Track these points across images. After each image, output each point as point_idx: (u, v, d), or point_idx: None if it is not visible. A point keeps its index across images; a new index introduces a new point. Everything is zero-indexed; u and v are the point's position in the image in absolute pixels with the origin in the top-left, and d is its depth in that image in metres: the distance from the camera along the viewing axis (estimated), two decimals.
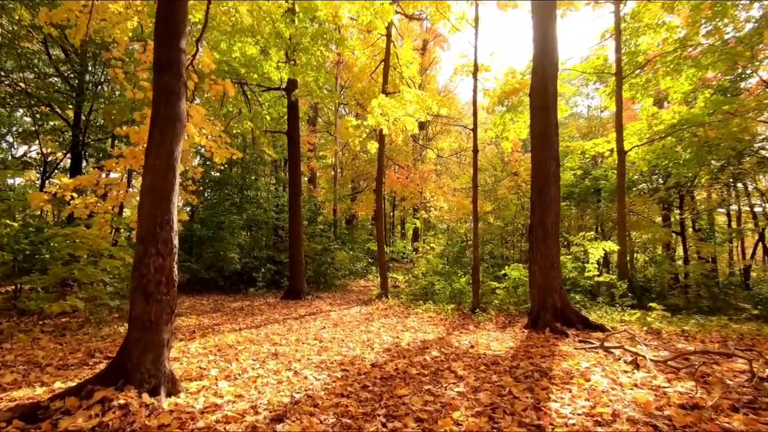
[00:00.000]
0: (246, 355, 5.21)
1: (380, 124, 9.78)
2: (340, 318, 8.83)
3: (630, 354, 5.17)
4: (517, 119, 13.15)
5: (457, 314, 9.23)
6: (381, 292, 11.79)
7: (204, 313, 8.98)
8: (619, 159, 11.20)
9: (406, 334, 7.16)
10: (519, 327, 7.85)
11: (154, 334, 3.53)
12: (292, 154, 12.14)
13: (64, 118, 14.38)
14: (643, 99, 12.48)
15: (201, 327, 7.28)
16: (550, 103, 7.93)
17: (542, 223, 7.76)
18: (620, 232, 11.02)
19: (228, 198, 15.86)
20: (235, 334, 6.63)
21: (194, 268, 12.91)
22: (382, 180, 11.88)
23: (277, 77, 11.22)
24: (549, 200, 7.76)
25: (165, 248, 3.66)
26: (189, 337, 6.27)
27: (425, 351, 5.72)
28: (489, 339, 6.77)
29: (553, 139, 7.91)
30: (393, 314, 9.33)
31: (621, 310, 8.80)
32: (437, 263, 12.35)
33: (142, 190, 3.73)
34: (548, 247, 7.67)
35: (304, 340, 6.36)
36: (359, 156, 27.16)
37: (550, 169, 7.82)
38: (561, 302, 7.56)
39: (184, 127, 3.97)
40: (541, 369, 4.65)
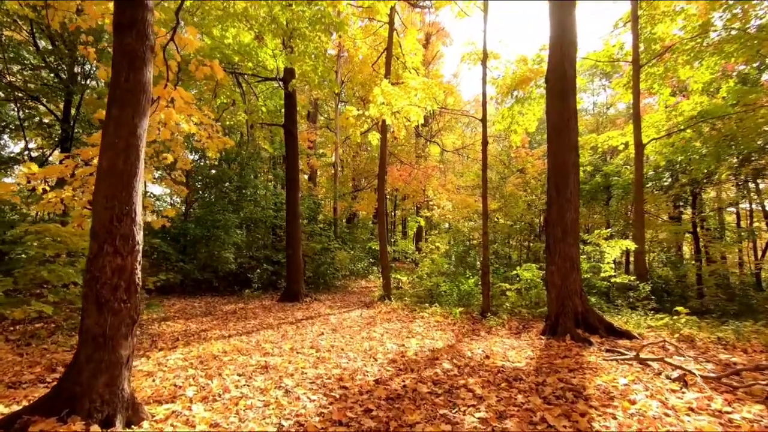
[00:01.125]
0: (231, 368, 4.56)
1: (383, 114, 9.12)
2: (340, 322, 8.17)
3: (671, 367, 4.51)
4: (526, 111, 12.48)
5: (465, 318, 8.57)
6: (383, 293, 11.13)
7: (193, 317, 8.33)
8: (637, 153, 10.54)
9: (412, 341, 6.50)
10: (534, 333, 7.19)
11: (109, 351, 2.88)
12: (289, 148, 11.49)
13: (52, 112, 13.75)
14: (661, 90, 11.80)
15: (187, 333, 6.62)
16: (569, 87, 7.27)
17: (561, 220, 7.09)
18: (638, 230, 10.35)
19: (224, 196, 15.22)
20: (223, 342, 5.98)
21: (187, 269, 12.27)
22: (385, 175, 11.23)
23: (273, 66, 10.57)
24: (568, 195, 7.09)
25: (124, 245, 3.00)
26: (171, 346, 5.62)
27: (435, 362, 5.06)
28: (504, 347, 6.11)
29: (572, 128, 7.24)
30: (397, 318, 8.67)
31: (643, 314, 8.13)
32: (442, 263, 11.69)
33: (98, 174, 3.08)
34: (567, 245, 7.01)
35: (299, 349, 5.71)
36: (360, 153, 26.53)
37: (568, 160, 7.15)
38: (582, 306, 6.89)
39: (150, 102, 3.32)
40: (572, 387, 3.99)
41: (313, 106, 23.64)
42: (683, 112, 11.09)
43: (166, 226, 7.06)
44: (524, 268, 9.47)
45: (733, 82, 11.03)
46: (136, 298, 3.07)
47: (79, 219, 6.93)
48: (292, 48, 10.00)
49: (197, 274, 12.41)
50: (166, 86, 5.56)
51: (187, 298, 11.25)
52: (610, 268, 9.77)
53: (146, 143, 8.18)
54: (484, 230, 9.21)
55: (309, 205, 16.61)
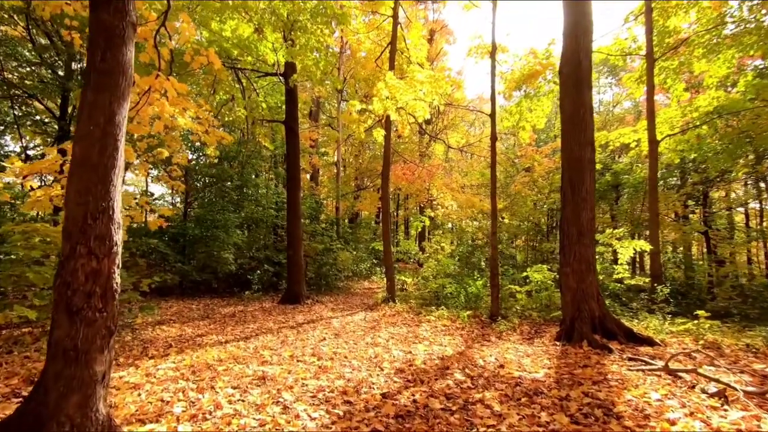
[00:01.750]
0: (226, 379, 4.20)
1: (387, 109, 8.77)
2: (343, 326, 7.81)
3: (705, 379, 4.13)
4: (534, 108, 12.09)
5: (474, 322, 8.20)
6: (388, 295, 10.77)
7: (190, 321, 7.99)
8: (651, 150, 10.13)
9: (419, 347, 6.14)
10: (548, 338, 6.82)
11: (81, 366, 2.52)
12: (290, 145, 11.14)
13: (49, 110, 13.45)
14: (674, 84, 11.39)
15: (181, 339, 6.27)
16: (584, 78, 6.89)
17: (576, 220, 6.71)
18: (652, 230, 9.95)
19: (225, 195, 14.89)
20: (219, 349, 5.62)
21: (185, 270, 11.94)
22: (388, 173, 10.86)
23: (274, 60, 10.23)
24: (583, 193, 6.72)
25: (100, 247, 2.65)
26: (163, 353, 5.27)
27: (446, 373, 4.69)
28: (518, 354, 5.74)
29: (588, 121, 6.86)
30: (402, 322, 8.31)
31: (662, 318, 7.74)
32: (448, 264, 11.31)
33: (71, 166, 2.73)
34: (583, 246, 6.63)
35: (299, 357, 5.35)
36: (363, 152, 26.17)
37: (584, 155, 6.77)
38: (599, 310, 6.51)
39: (131, 85, 2.96)
40: (600, 402, 3.61)
41: (315, 104, 23.30)
42: (699, 108, 10.67)
43: (163, 226, 6.71)
44: (535, 270, 9.09)
45: (751, 75, 10.61)
46: (113, 307, 2.71)
47: None
48: (293, 41, 9.65)
49: (196, 275, 12.08)
50: (158, 76, 5.21)
51: (186, 300, 10.91)
52: (624, 270, 9.37)
53: (140, 138, 7.78)
54: (493, 229, 8.83)
55: (311, 205, 16.26)
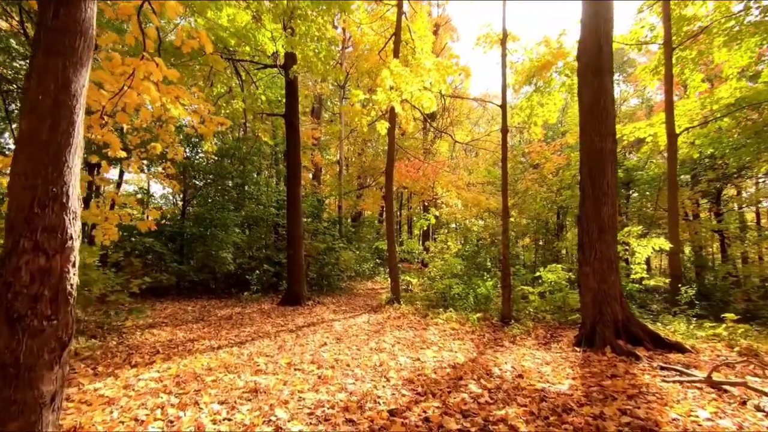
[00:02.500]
0: (213, 393, 3.74)
1: (392, 100, 8.30)
2: (345, 330, 7.34)
3: (757, 393, 3.63)
4: (546, 102, 11.59)
5: (484, 325, 7.71)
6: (392, 296, 10.29)
7: (183, 324, 7.54)
8: (669, 144, 9.62)
9: (428, 353, 5.66)
10: (566, 343, 6.32)
11: (24, 387, 2.06)
12: (290, 140, 10.68)
13: None
14: (692, 75, 10.87)
15: (171, 344, 5.82)
16: (605, 65, 6.39)
17: (596, 215, 6.21)
18: (672, 228, 9.43)
19: (224, 193, 14.46)
20: (210, 356, 5.16)
21: (182, 270, 11.51)
22: (392, 168, 10.39)
23: (273, 50, 9.76)
24: (605, 187, 6.22)
25: (51, 240, 2.19)
26: (148, 361, 4.81)
27: (459, 384, 4.21)
28: (536, 362, 5.25)
29: (609, 110, 6.36)
30: (408, 325, 7.83)
31: (686, 322, 7.22)
32: (455, 263, 10.82)
33: (17, 144, 2.27)
34: (605, 244, 6.13)
35: (297, 365, 4.88)
36: (365, 151, 25.70)
37: (605, 147, 6.27)
38: (623, 313, 6.01)
39: (91, 49, 2.50)
40: (641, 422, 3.12)
41: (317, 101, 22.86)
42: (719, 100, 10.15)
43: (152, 228, 6.26)
44: (548, 270, 8.59)
45: None
46: (68, 313, 2.25)
47: None
48: (293, 30, 9.20)
49: (193, 275, 11.66)
50: (143, 57, 4.76)
51: (182, 302, 10.47)
52: (641, 270, 8.86)
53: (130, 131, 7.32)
54: (504, 227, 8.34)
55: (312, 203, 15.81)
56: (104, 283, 6.28)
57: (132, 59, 4.65)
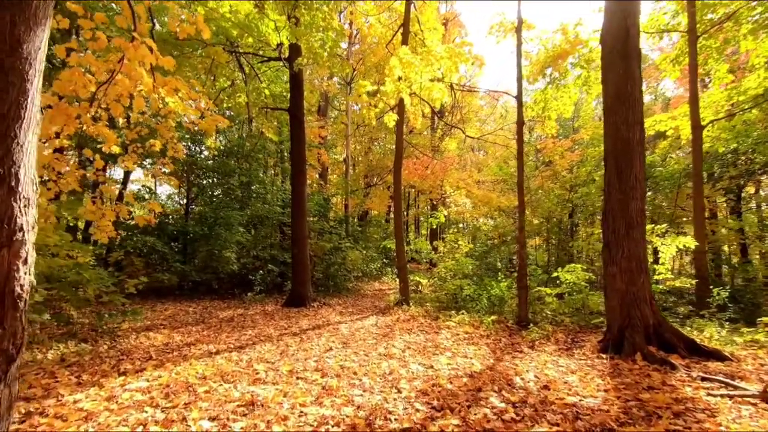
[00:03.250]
0: (205, 406, 3.35)
1: (400, 92, 7.90)
2: (352, 333, 6.93)
3: None
4: (560, 95, 11.09)
5: (499, 329, 7.26)
6: (401, 298, 9.86)
7: (182, 326, 7.18)
8: (694, 136, 9.08)
9: (441, 360, 5.23)
10: (589, 349, 5.86)
11: None
12: (295, 136, 10.31)
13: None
14: (717, 65, 10.31)
15: (166, 348, 5.45)
16: (632, 49, 5.91)
17: (624, 210, 5.74)
18: (697, 226, 8.89)
19: (230, 192, 14.14)
20: (206, 362, 4.78)
21: (184, 270, 11.18)
22: (401, 163, 9.97)
23: (277, 41, 9.40)
24: (633, 179, 5.74)
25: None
26: (138, 368, 4.44)
27: (479, 396, 3.78)
28: (560, 370, 4.80)
29: (637, 97, 5.89)
30: (418, 328, 7.40)
31: (719, 326, 6.71)
32: (466, 263, 10.36)
33: None
34: (633, 241, 5.65)
35: (299, 373, 4.48)
36: (372, 149, 25.31)
37: (633, 137, 5.80)
38: (653, 317, 5.53)
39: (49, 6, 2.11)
40: None
41: (324, 99, 22.51)
42: (747, 90, 9.59)
43: (151, 223, 5.91)
44: (567, 270, 8.11)
45: None
46: (17, 321, 1.86)
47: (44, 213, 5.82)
48: (297, 19, 8.82)
49: (195, 275, 11.32)
50: (134, 39, 4.40)
51: (183, 302, 10.14)
52: (666, 270, 8.34)
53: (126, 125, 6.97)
54: (520, 225, 7.88)
55: (318, 201, 15.42)
56: (98, 284, 5.94)
57: (120, 39, 4.28)
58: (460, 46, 7.56)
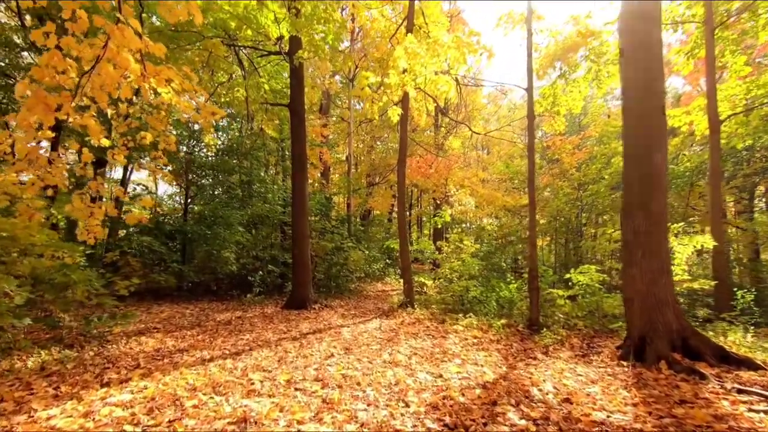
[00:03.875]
0: (191, 424, 3.01)
1: (405, 84, 7.56)
2: (355, 338, 6.59)
3: None
4: (570, 89, 10.73)
5: (510, 333, 6.90)
6: (405, 299, 9.51)
7: (177, 330, 6.85)
8: (712, 132, 8.71)
9: (450, 367, 4.88)
10: (607, 356, 5.50)
11: None
12: (295, 132, 9.96)
13: None
14: (735, 58, 9.91)
15: (156, 355, 5.11)
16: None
17: (644, 206, 5.38)
18: (715, 224, 8.51)
19: (229, 191, 13.81)
20: (198, 371, 4.44)
21: (182, 271, 10.84)
22: (405, 159, 9.62)
23: (276, 33, 9.08)
24: (654, 172, 5.37)
25: None
26: (123, 377, 4.11)
27: (496, 411, 3.43)
28: (579, 380, 4.44)
29: (659, 78, 5.52)
30: (425, 332, 7.04)
31: (744, 331, 6.33)
32: (473, 264, 10.00)
33: None
34: (655, 240, 5.29)
35: (298, 383, 4.13)
36: (374, 149, 24.96)
37: (653, 122, 5.43)
38: (677, 322, 5.16)
39: None
40: None
41: (326, 97, 22.17)
42: (766, 84, 9.21)
43: (143, 221, 5.58)
44: (579, 271, 7.74)
45: None
46: None
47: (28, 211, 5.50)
48: (298, 10, 8.48)
49: (194, 276, 10.98)
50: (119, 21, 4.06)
51: (181, 304, 9.81)
52: (683, 271, 7.97)
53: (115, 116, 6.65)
54: (531, 223, 7.52)
55: (320, 200, 15.07)
56: (86, 285, 5.62)
57: (103, 19, 3.94)
58: (468, 36, 7.19)
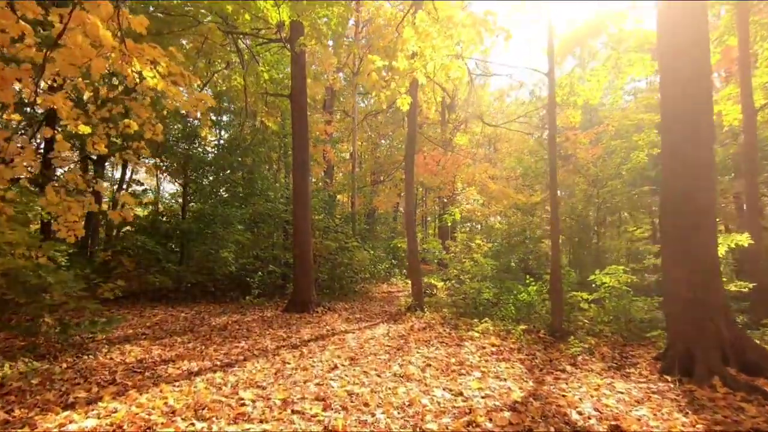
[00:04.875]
0: None
1: (414, 70, 6.99)
2: (360, 345, 5.99)
3: None
4: (588, 78, 10.08)
5: (531, 340, 6.27)
6: (414, 302, 8.91)
7: (166, 336, 6.28)
8: (747, 121, 8.02)
9: (470, 382, 4.27)
10: (645, 368, 4.88)
11: None
12: (297, 124, 9.39)
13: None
14: (765, 43, 9.23)
15: (137, 367, 4.54)
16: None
17: (688, 199, 4.74)
18: (752, 221, 7.81)
19: (229, 189, 13.27)
20: (181, 388, 3.86)
21: (178, 271, 10.30)
22: (414, 152, 9.03)
23: (276, 18, 8.49)
24: (700, 155, 4.72)
25: None
26: (93, 397, 3.53)
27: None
28: (621, 399, 3.83)
29: (707, 60, 4.88)
30: (437, 339, 6.43)
31: None
32: (486, 264, 9.37)
33: None
34: (702, 238, 4.65)
35: (296, 403, 3.55)
36: (380, 145, 24.38)
37: (699, 92, 4.75)
38: (730, 332, 4.52)
39: None
40: None
41: (329, 93, 21.61)
42: None
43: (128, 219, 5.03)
44: (606, 272, 7.09)
45: None
46: None
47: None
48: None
49: (190, 276, 10.42)
50: None
51: (176, 307, 9.27)
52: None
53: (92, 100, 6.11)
54: (553, 219, 6.90)
55: (324, 198, 14.49)
56: (63, 288, 5.06)
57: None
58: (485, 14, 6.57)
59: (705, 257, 4.60)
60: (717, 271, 4.66)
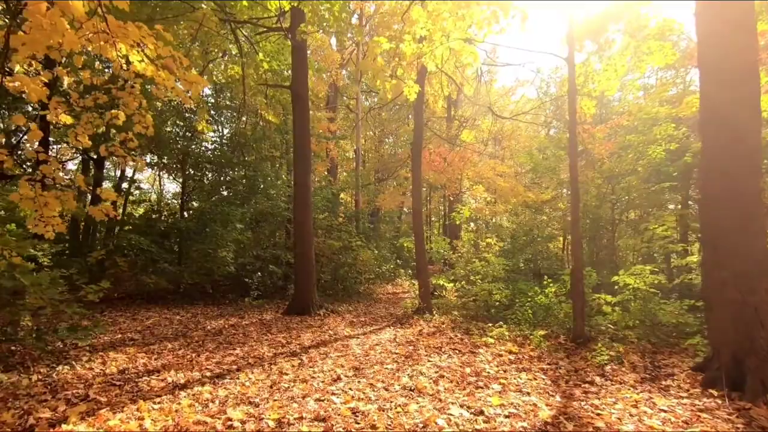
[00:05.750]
0: None
1: (423, 54, 6.56)
2: (366, 353, 5.50)
3: None
4: (605, 68, 9.54)
5: (552, 347, 5.76)
6: (421, 305, 8.42)
7: (156, 342, 5.82)
8: None
9: (490, 397, 3.78)
10: (684, 380, 4.36)
11: None
12: (298, 116, 8.92)
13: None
14: None
15: (116, 380, 4.07)
16: None
17: (734, 194, 4.22)
18: None
19: (230, 187, 12.83)
20: (161, 406, 3.39)
21: (175, 272, 9.85)
22: (421, 144, 8.55)
23: (276, 5, 8.05)
24: (747, 143, 4.20)
25: None
26: (58, 416, 3.07)
27: None
28: (665, 419, 3.34)
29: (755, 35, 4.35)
30: (448, 345, 5.94)
31: None
32: (498, 264, 8.86)
33: None
34: (750, 236, 4.13)
35: (292, 424, 3.07)
36: (384, 142, 23.89)
37: (747, 92, 4.25)
38: None
39: None
40: None
41: (332, 90, 21.15)
42: None
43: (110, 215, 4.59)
44: (630, 273, 6.57)
45: None
46: None
47: None
48: None
49: (187, 277, 9.97)
50: None
51: (172, 309, 8.82)
52: None
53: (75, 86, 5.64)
54: (574, 216, 6.40)
55: (326, 196, 14.00)
56: (37, 291, 4.60)
57: None
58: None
59: (752, 258, 4.07)
60: (766, 271, 4.12)
